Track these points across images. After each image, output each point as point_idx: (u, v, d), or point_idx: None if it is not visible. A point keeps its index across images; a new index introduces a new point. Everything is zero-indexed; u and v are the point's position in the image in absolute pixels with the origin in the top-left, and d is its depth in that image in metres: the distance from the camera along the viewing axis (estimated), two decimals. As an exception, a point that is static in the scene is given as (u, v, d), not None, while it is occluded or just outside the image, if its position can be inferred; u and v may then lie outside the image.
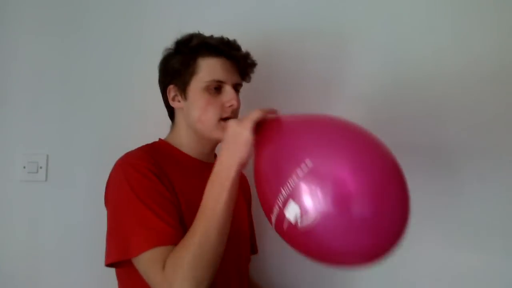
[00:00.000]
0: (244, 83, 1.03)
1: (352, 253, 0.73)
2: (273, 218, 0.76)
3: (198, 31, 1.00)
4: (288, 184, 0.72)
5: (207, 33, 1.00)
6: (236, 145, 0.84)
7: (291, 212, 0.72)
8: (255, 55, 1.02)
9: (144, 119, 1.24)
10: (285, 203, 0.73)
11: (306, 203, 0.70)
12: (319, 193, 0.70)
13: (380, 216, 0.70)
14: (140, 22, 1.29)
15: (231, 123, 0.86)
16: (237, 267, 0.99)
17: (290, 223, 0.72)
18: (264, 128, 0.85)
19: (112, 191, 0.91)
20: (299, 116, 0.86)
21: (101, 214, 0.96)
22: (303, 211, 0.70)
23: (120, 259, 0.85)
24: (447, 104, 1.27)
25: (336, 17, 1.31)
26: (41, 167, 1.23)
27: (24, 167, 1.22)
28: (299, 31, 1.30)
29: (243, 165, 0.84)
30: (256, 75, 1.05)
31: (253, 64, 1.01)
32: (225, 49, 0.96)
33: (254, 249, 1.18)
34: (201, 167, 0.98)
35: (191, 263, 0.77)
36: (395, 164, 0.75)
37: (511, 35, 1.25)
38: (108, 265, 0.89)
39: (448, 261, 1.19)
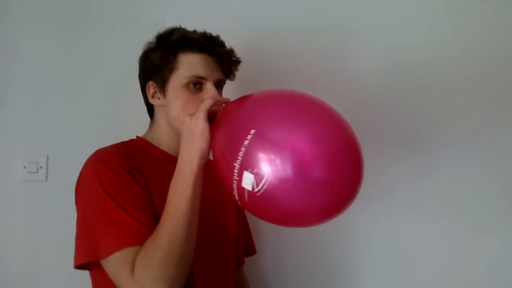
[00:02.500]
0: (241, 83, 1.02)
1: (307, 211, 0.76)
2: (235, 194, 0.78)
3: (181, 25, 0.96)
4: (239, 157, 0.75)
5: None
6: (192, 138, 0.82)
7: (247, 181, 0.74)
8: (253, 54, 1.03)
9: (144, 119, 1.24)
10: (240, 175, 0.75)
11: (256, 167, 0.73)
12: (265, 156, 0.73)
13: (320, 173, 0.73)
14: (139, 21, 1.29)
15: (185, 119, 0.85)
16: (221, 269, 0.95)
17: (248, 191, 0.74)
18: (218, 117, 0.86)
19: (82, 189, 0.86)
20: (255, 94, 0.86)
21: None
22: (256, 175, 0.73)
23: (89, 261, 0.81)
24: (447, 103, 1.27)
25: (336, 16, 1.31)
26: (41, 167, 1.23)
27: (24, 167, 1.22)
28: (298, 30, 1.30)
29: (204, 157, 0.82)
30: (254, 74, 1.05)
31: (237, 62, 0.96)
32: (207, 44, 0.91)
33: (250, 251, 1.15)
34: None
35: (162, 261, 0.74)
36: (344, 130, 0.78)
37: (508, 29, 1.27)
38: (78, 267, 0.84)
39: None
